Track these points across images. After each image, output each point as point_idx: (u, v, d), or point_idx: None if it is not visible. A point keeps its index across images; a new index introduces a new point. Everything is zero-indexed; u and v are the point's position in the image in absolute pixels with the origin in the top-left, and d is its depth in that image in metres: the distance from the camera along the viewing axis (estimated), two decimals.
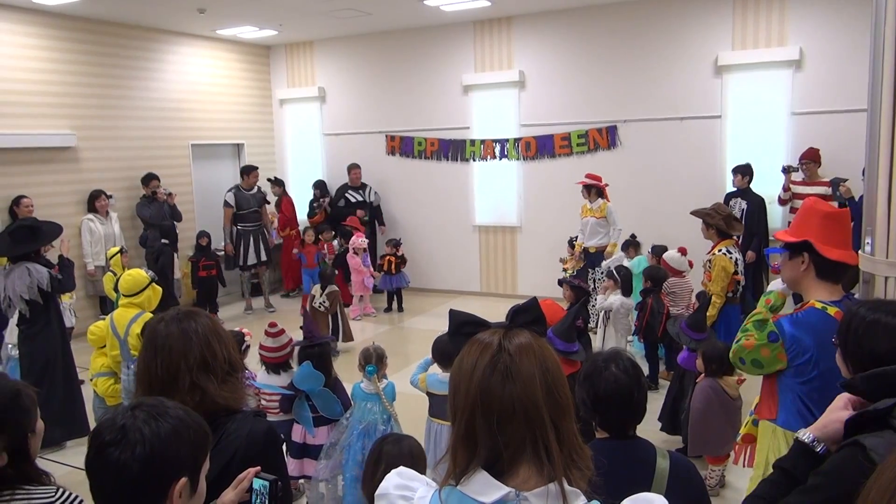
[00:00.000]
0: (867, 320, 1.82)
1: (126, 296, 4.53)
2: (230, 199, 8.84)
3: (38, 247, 5.12)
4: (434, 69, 9.60)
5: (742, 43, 7.82)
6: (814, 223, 2.50)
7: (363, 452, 3.67)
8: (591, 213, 7.32)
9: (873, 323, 1.80)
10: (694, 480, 1.86)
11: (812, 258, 2.47)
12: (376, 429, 3.76)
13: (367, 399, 3.84)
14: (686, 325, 4.56)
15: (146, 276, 4.62)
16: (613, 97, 8.52)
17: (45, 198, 7.53)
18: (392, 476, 1.33)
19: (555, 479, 1.19)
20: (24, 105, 7.52)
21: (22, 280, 4.95)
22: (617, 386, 1.92)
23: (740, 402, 4.28)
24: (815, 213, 2.52)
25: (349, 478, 3.73)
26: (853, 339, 1.84)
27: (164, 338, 1.83)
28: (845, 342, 1.87)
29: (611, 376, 1.93)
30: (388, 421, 3.83)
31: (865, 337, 1.81)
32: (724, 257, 4.84)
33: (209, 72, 9.77)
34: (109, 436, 1.33)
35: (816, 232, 2.48)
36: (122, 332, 4.48)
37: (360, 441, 3.75)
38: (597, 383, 1.94)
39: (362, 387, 3.88)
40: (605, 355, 2.02)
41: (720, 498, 4.13)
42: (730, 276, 4.82)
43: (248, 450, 1.75)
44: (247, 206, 8.90)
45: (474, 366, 1.24)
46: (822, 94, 7.44)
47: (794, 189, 7.22)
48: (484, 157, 9.40)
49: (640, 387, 1.98)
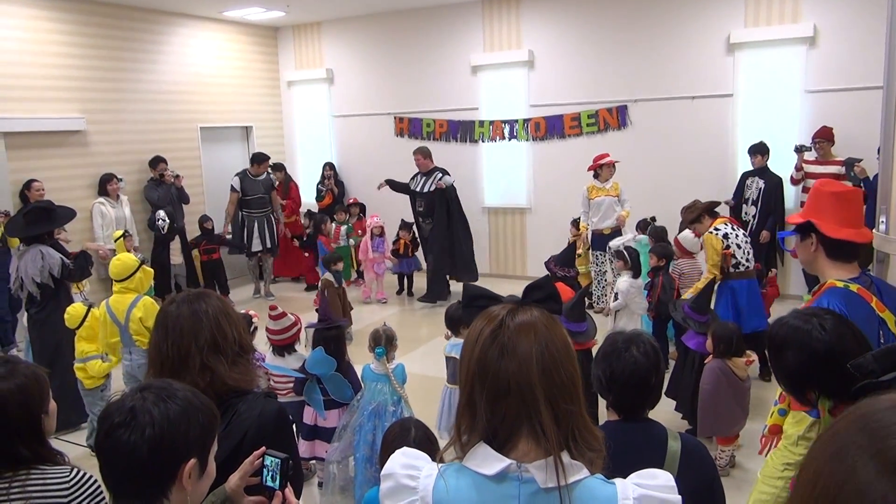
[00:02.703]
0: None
1: (118, 281, 4.47)
2: (236, 184, 8.74)
3: (50, 228, 5.14)
4: (442, 49, 9.53)
5: (755, 20, 7.70)
6: (821, 204, 2.49)
7: (373, 433, 3.71)
8: (605, 193, 7.24)
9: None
10: (705, 462, 1.85)
11: (819, 238, 2.46)
12: (386, 410, 3.78)
13: (376, 380, 3.86)
14: (689, 308, 4.60)
15: (135, 260, 4.57)
16: (624, 76, 8.43)
17: (56, 182, 7.56)
18: (397, 456, 1.34)
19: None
20: (35, 89, 7.53)
21: (35, 263, 4.97)
22: (635, 369, 1.89)
23: (749, 383, 4.28)
24: (822, 193, 2.51)
25: (360, 458, 3.76)
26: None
27: (175, 318, 1.84)
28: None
29: (630, 358, 1.91)
30: (398, 402, 3.84)
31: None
32: (710, 235, 5.06)
33: (217, 54, 9.74)
34: (119, 417, 1.33)
35: (824, 212, 2.47)
36: (122, 318, 4.44)
37: (371, 422, 3.78)
38: (614, 364, 1.92)
39: (372, 368, 3.89)
40: (626, 336, 1.99)
41: (730, 478, 4.14)
42: (719, 252, 4.98)
43: (258, 430, 1.75)
44: (253, 192, 8.79)
45: (477, 338, 1.28)
46: (837, 72, 7.33)
47: (806, 168, 7.14)
48: (493, 138, 9.35)
49: (659, 372, 1.94)
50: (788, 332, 1.97)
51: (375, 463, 3.65)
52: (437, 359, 4.83)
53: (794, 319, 1.99)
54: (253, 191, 8.79)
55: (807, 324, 1.95)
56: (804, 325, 1.95)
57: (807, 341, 1.92)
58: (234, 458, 1.63)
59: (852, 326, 1.97)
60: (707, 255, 5.08)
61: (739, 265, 5.05)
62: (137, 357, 4.48)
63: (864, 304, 2.28)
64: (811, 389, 1.96)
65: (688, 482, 1.70)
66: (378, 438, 3.67)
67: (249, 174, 8.83)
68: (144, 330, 4.35)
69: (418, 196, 8.30)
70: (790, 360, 1.95)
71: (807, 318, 1.97)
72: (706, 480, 1.83)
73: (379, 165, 9.71)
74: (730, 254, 5.01)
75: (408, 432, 2.55)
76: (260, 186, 8.84)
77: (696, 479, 1.76)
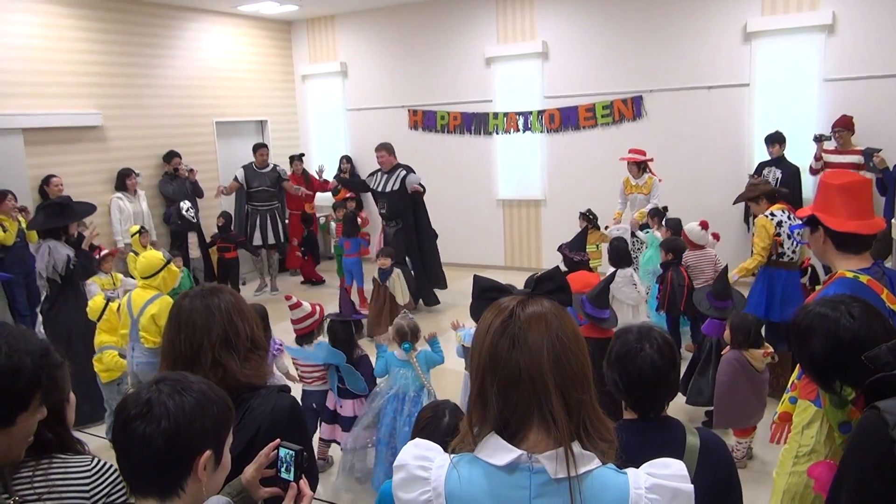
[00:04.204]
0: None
1: (143, 278, 4.44)
2: (240, 175, 8.61)
3: (62, 223, 5.18)
4: (456, 41, 9.50)
5: (772, 8, 7.60)
6: (828, 197, 2.50)
7: (394, 416, 3.81)
8: (637, 190, 7.18)
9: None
10: (724, 457, 1.83)
11: (825, 231, 2.46)
12: (407, 395, 3.86)
13: (401, 366, 3.95)
14: (710, 294, 4.58)
15: (161, 258, 4.50)
16: (639, 67, 8.36)
17: (74, 177, 7.64)
18: (410, 447, 1.35)
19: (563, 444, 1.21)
20: (52, 85, 7.60)
21: (42, 258, 5.06)
22: (653, 368, 1.82)
23: (767, 375, 4.24)
24: (828, 186, 2.52)
25: (381, 439, 3.85)
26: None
27: (189, 313, 1.85)
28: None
29: (646, 357, 1.82)
30: (420, 389, 3.90)
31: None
32: (763, 218, 4.95)
33: (232, 49, 9.78)
34: (135, 409, 1.35)
35: (831, 205, 2.48)
36: (136, 311, 4.40)
37: (392, 405, 3.86)
38: (630, 366, 1.83)
39: (396, 354, 3.97)
40: (637, 333, 1.90)
41: (747, 470, 4.11)
42: (771, 236, 4.88)
43: (272, 425, 1.76)
44: (257, 185, 8.63)
45: (487, 329, 1.29)
46: (856, 60, 7.22)
47: (826, 158, 7.05)
48: (507, 130, 9.32)
49: (676, 366, 1.88)
50: (815, 319, 1.93)
51: (394, 447, 3.74)
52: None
53: (820, 307, 1.95)
54: (258, 183, 8.63)
55: (834, 311, 1.91)
56: (831, 312, 1.91)
57: (834, 329, 1.88)
58: (248, 452, 1.64)
59: (881, 314, 1.93)
60: (757, 238, 4.97)
61: (784, 255, 4.96)
62: (139, 355, 4.40)
63: (874, 295, 2.26)
64: (836, 378, 1.93)
65: (706, 477, 1.69)
66: (398, 422, 3.77)
67: (255, 167, 8.69)
68: (153, 328, 4.27)
69: (379, 196, 7.64)
70: (816, 347, 1.92)
71: (834, 305, 1.93)
72: (724, 475, 1.80)
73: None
74: (780, 241, 4.92)
75: (440, 420, 2.43)
76: (266, 179, 8.66)
77: (715, 475, 1.75)
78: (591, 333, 4.04)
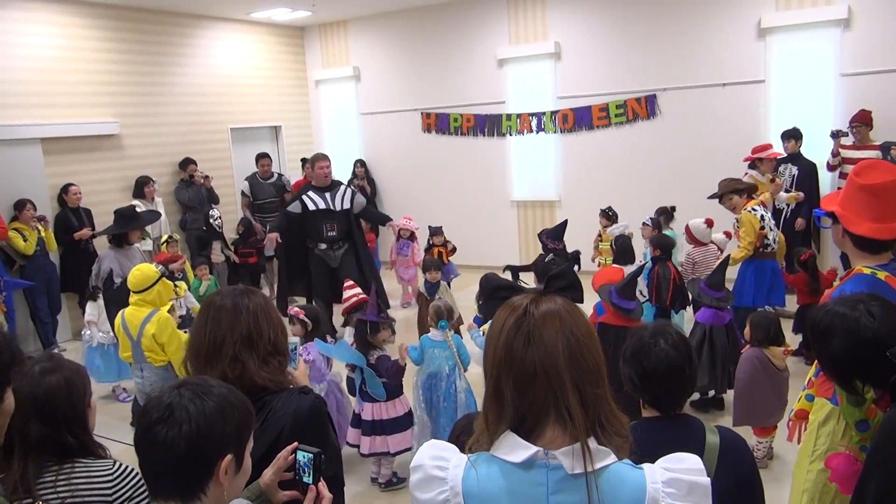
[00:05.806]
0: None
1: (135, 292, 4.19)
2: (246, 189, 8.69)
3: (129, 229, 5.55)
4: (468, 43, 9.51)
5: (786, 3, 7.53)
6: (851, 194, 2.43)
7: (429, 392, 4.20)
8: (766, 188, 6.74)
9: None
10: (744, 456, 1.81)
11: (844, 229, 2.41)
12: (441, 372, 4.18)
13: (434, 346, 4.23)
14: (705, 285, 4.76)
15: (155, 271, 4.32)
16: (652, 65, 8.31)
17: (92, 185, 7.73)
18: (426, 447, 1.35)
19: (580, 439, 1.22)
20: (69, 95, 7.70)
21: (97, 263, 5.49)
22: (668, 363, 1.81)
23: (787, 373, 4.19)
24: (852, 183, 2.43)
25: (419, 415, 4.20)
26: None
27: (217, 309, 1.90)
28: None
29: (661, 353, 1.82)
30: (453, 368, 4.16)
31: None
32: (750, 214, 5.35)
33: (245, 55, 9.86)
34: (157, 414, 1.36)
35: (853, 203, 2.40)
36: (135, 333, 4.18)
37: (428, 382, 4.22)
38: (645, 361, 1.83)
39: (430, 335, 4.28)
40: (652, 329, 1.90)
41: (768, 470, 4.07)
42: (757, 230, 5.32)
43: (294, 427, 1.77)
44: (263, 196, 8.70)
45: (501, 328, 1.30)
46: (873, 54, 7.14)
47: (843, 154, 6.97)
48: (521, 131, 9.30)
49: (692, 362, 1.87)
50: (834, 319, 1.91)
51: (429, 423, 4.19)
52: None
53: (839, 306, 1.92)
54: (263, 194, 8.73)
55: (853, 310, 1.88)
56: (851, 311, 1.88)
57: (854, 329, 1.86)
58: (269, 455, 1.64)
59: None
60: (744, 233, 5.37)
61: (769, 246, 5.45)
62: (150, 374, 4.28)
63: (892, 292, 2.22)
64: (857, 377, 1.91)
65: (727, 477, 1.68)
66: (433, 398, 4.19)
67: (258, 177, 8.78)
68: (157, 347, 4.19)
69: (324, 217, 6.57)
70: (836, 347, 1.89)
71: (853, 304, 1.90)
72: (746, 475, 1.78)
73: (407, 162, 9.74)
74: (764, 234, 5.36)
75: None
76: (270, 189, 8.76)
77: (736, 474, 1.73)
78: (615, 321, 4.41)
